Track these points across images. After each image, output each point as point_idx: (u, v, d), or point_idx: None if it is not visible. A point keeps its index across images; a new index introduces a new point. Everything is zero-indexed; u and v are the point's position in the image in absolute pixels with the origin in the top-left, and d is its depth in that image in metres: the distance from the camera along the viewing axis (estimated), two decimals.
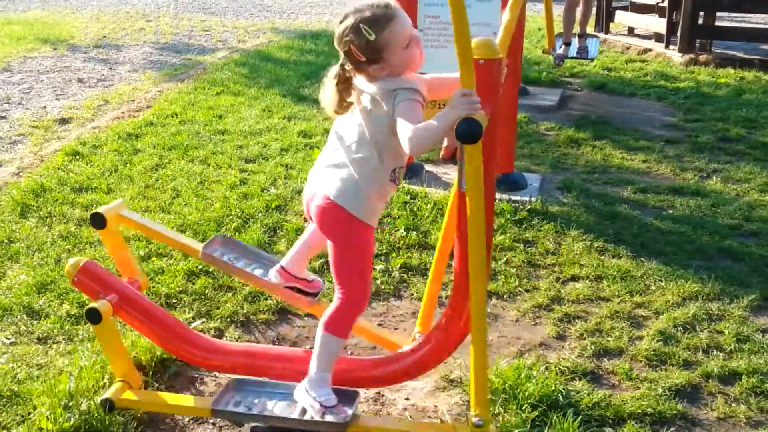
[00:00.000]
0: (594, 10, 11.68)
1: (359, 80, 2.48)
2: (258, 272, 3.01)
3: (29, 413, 2.87)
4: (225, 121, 6.76)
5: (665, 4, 10.08)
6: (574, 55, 8.20)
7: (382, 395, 3.12)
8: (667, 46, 10.04)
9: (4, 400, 2.99)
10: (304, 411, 2.63)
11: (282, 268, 2.95)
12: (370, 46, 2.37)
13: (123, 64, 9.52)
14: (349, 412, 2.60)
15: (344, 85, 2.47)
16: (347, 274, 2.55)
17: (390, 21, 2.37)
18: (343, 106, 2.49)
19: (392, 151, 2.46)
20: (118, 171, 5.50)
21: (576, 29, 8.58)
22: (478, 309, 2.41)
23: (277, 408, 2.70)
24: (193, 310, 3.71)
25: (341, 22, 2.43)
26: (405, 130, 2.31)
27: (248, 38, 11.51)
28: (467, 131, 2.18)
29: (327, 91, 2.51)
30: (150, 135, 6.33)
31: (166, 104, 7.29)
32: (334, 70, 2.49)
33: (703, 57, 9.50)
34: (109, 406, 2.82)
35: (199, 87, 7.96)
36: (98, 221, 2.95)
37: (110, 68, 9.25)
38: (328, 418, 2.57)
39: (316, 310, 3.05)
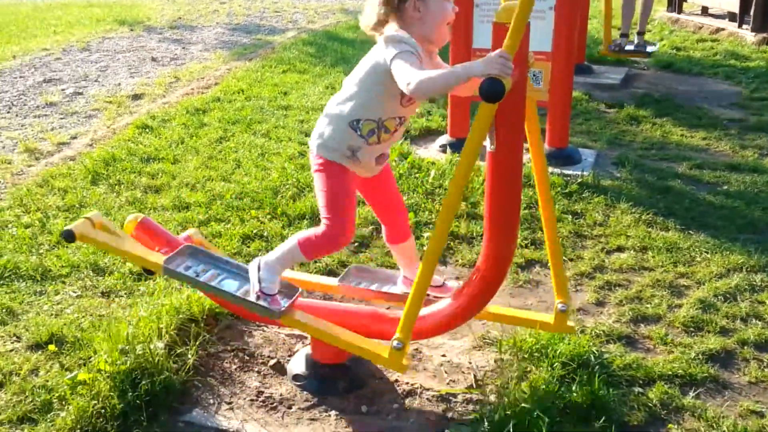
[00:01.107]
0: None
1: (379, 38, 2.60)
2: (394, 290, 3.12)
3: (90, 357, 3.10)
4: (289, 97, 6.97)
5: None
6: (632, 49, 8.05)
7: (420, 351, 3.26)
8: (740, 26, 9.80)
9: (68, 345, 3.24)
10: (246, 292, 2.80)
11: (405, 277, 3.10)
12: None
13: (196, 44, 9.85)
14: (285, 303, 2.75)
15: (387, 6, 2.59)
16: (326, 209, 2.69)
17: None
18: (377, 26, 2.62)
19: (364, 99, 2.60)
20: (184, 143, 5.76)
21: (635, 27, 8.44)
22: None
23: (223, 283, 2.85)
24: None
25: None
26: (406, 74, 2.39)
27: (318, 19, 11.73)
28: (491, 89, 2.28)
29: (368, 10, 2.65)
30: (216, 110, 6.59)
31: (234, 81, 7.54)
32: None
33: None
34: (68, 235, 2.83)
35: (267, 65, 8.20)
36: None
37: (183, 48, 9.59)
38: (262, 303, 2.73)
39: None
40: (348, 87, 2.66)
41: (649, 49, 8.05)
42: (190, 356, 3.09)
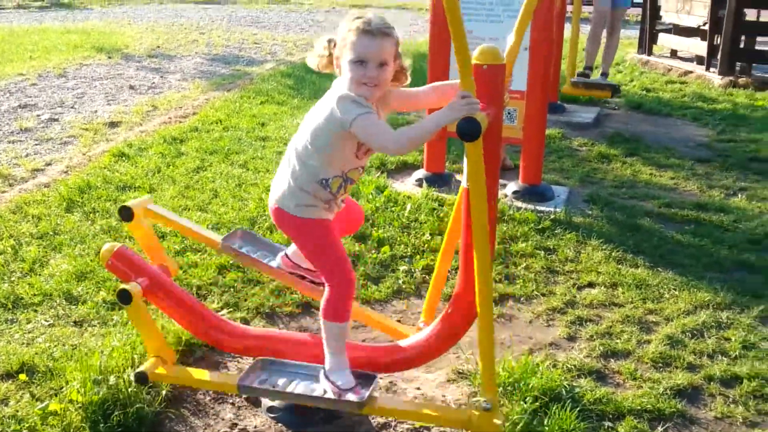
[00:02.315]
0: (637, 32, 11.77)
1: (335, 80, 2.68)
2: (273, 263, 3.21)
3: (61, 387, 3.09)
4: (267, 128, 7.03)
5: (707, 27, 10.12)
6: (594, 82, 8.31)
7: (395, 384, 3.29)
8: (707, 69, 10.07)
9: (39, 375, 3.23)
10: (324, 392, 2.79)
11: (286, 255, 3.17)
12: (342, 38, 2.59)
13: (174, 73, 9.90)
14: (366, 393, 2.75)
15: (326, 57, 2.70)
16: (321, 264, 2.76)
17: (364, 33, 2.54)
18: (320, 66, 2.74)
19: (326, 159, 2.64)
20: (160, 172, 5.78)
21: (599, 67, 8.68)
22: (484, 297, 2.56)
23: (299, 387, 2.86)
24: (222, 301, 3.92)
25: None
26: (379, 137, 2.48)
27: (296, 51, 11.85)
28: (467, 129, 2.36)
29: (313, 52, 2.77)
30: (194, 140, 6.62)
31: (212, 111, 7.59)
32: (324, 40, 2.72)
33: (742, 80, 9.52)
34: (142, 378, 3.01)
35: (245, 96, 8.26)
36: (126, 214, 3.14)
37: (161, 77, 9.63)
38: (346, 397, 2.72)
39: (316, 295, 3.19)
40: (306, 147, 2.68)
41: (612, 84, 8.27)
42: (163, 387, 3.09)
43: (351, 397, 2.72)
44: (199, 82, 9.30)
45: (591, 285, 4.21)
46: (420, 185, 5.57)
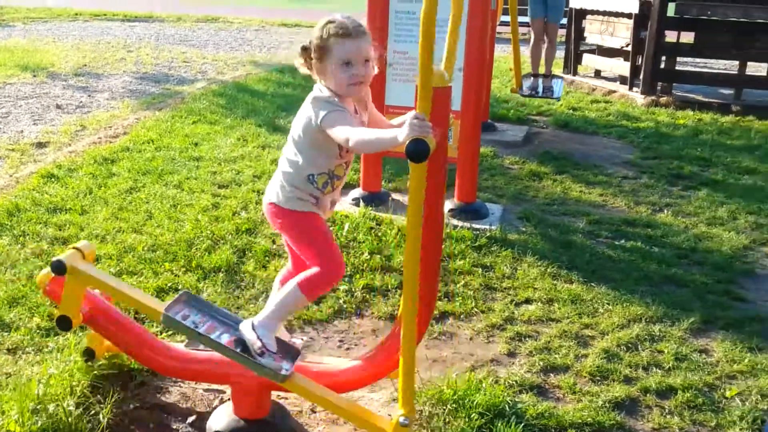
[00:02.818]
0: (563, 52, 12.12)
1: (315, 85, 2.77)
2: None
3: None
4: (200, 148, 6.96)
5: (630, 48, 10.48)
6: (541, 94, 8.57)
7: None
8: (630, 88, 10.42)
9: None
10: (244, 346, 2.78)
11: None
12: (319, 43, 2.67)
13: (102, 92, 9.71)
14: (286, 366, 2.75)
15: (304, 61, 2.76)
16: (310, 252, 2.81)
17: (345, 36, 2.65)
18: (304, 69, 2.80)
19: (309, 157, 2.75)
20: (92, 193, 5.66)
21: (542, 69, 8.99)
22: (408, 312, 2.59)
23: (223, 335, 2.81)
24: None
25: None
26: (343, 131, 2.58)
27: (227, 70, 11.76)
28: (415, 151, 2.40)
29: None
30: (125, 160, 6.50)
31: (143, 131, 7.47)
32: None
33: (663, 99, 9.89)
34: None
35: (177, 115, 8.16)
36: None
37: (89, 96, 9.43)
38: (265, 361, 2.73)
39: None
40: (292, 147, 2.81)
41: (556, 90, 8.49)
42: (103, 416, 3.03)
43: (271, 364, 2.72)
44: (128, 101, 9.14)
45: (528, 301, 4.30)
46: (357, 204, 5.60)
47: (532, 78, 8.97)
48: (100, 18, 19.70)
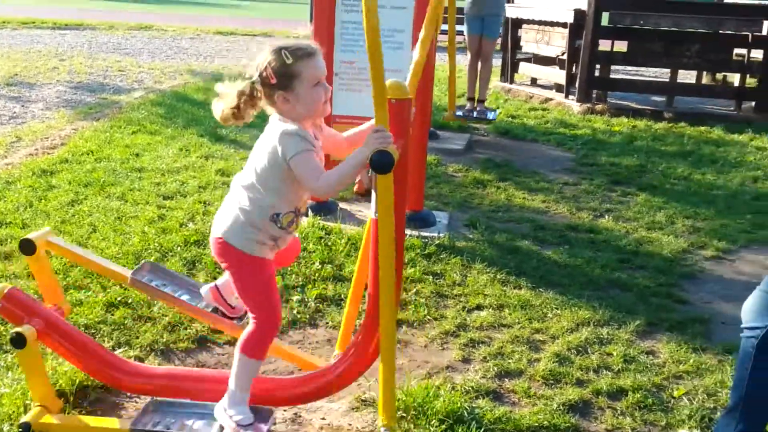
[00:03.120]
0: (500, 61, 12.33)
1: (272, 116, 2.70)
2: (185, 297, 3.16)
3: None
4: (142, 159, 6.85)
5: (565, 57, 10.73)
6: (475, 117, 8.69)
7: (300, 416, 3.29)
8: (566, 96, 10.66)
9: None
10: (221, 429, 2.78)
11: (216, 286, 3.12)
12: (284, 70, 2.58)
13: (36, 102, 9.47)
14: (264, 429, 2.76)
15: (249, 98, 2.65)
16: (252, 301, 2.76)
17: (309, 55, 2.61)
18: (233, 116, 2.68)
19: (277, 195, 2.66)
20: (32, 206, 5.52)
21: (476, 96, 9.07)
22: (387, 326, 2.63)
23: (195, 426, 2.83)
24: (112, 339, 3.79)
25: (265, 50, 2.65)
26: (311, 178, 2.55)
27: (165, 79, 11.61)
28: (380, 162, 2.44)
29: (224, 100, 2.69)
30: (65, 172, 6.37)
31: (82, 142, 7.32)
32: (241, 84, 2.67)
33: (599, 106, 10.15)
34: (26, 429, 2.89)
35: (115, 126, 8.02)
36: (27, 247, 3.05)
37: (22, 106, 9.20)
38: None
39: (239, 333, 3.19)
40: (256, 183, 2.67)
41: (490, 116, 8.64)
42: None
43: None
44: (64, 111, 8.94)
45: (479, 307, 4.36)
46: (306, 214, 5.59)
47: (467, 103, 8.97)
48: (29, 26, 19.20)
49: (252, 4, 36.28)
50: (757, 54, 10.24)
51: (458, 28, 9.54)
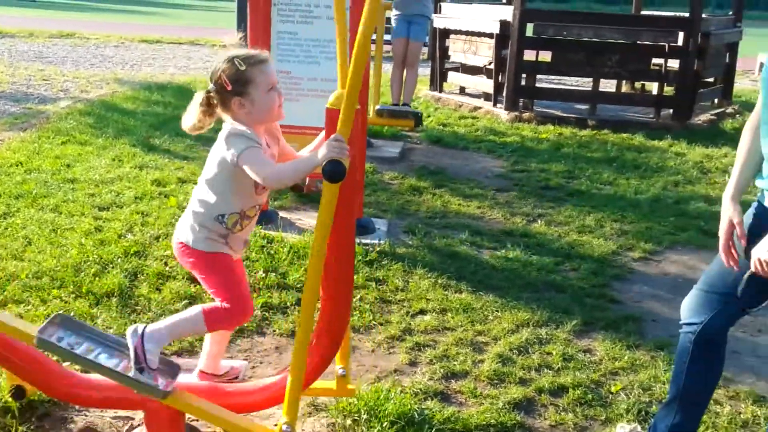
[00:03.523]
0: (428, 70, 12.54)
1: (226, 121, 2.79)
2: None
3: None
4: (74, 170, 6.73)
5: (492, 66, 10.98)
6: (398, 109, 8.81)
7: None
8: (494, 105, 10.91)
9: None
10: (117, 365, 2.73)
11: (202, 371, 3.18)
12: (238, 77, 2.70)
13: None
14: (164, 382, 2.72)
15: (206, 107, 2.79)
16: (222, 295, 2.83)
17: (261, 62, 2.74)
18: (197, 126, 2.83)
19: (222, 196, 2.78)
20: None
21: (401, 100, 9.22)
22: (305, 321, 2.65)
23: (99, 357, 2.75)
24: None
25: (221, 59, 2.76)
26: (261, 170, 2.64)
27: (91, 88, 11.38)
28: (333, 171, 2.51)
29: (189, 112, 2.83)
30: None
31: (9, 153, 7.14)
32: (201, 94, 2.80)
33: (526, 114, 10.42)
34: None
35: (44, 136, 7.84)
36: None
37: None
38: (143, 378, 2.69)
39: None
40: (204, 186, 2.82)
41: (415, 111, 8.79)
42: None
43: (149, 381, 2.69)
44: None
45: (423, 312, 4.47)
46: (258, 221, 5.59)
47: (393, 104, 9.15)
48: None
49: (177, 12, 35.80)
50: (674, 63, 10.68)
51: (386, 37, 9.71)
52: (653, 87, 11.50)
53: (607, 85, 12.35)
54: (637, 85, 12.96)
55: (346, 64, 2.96)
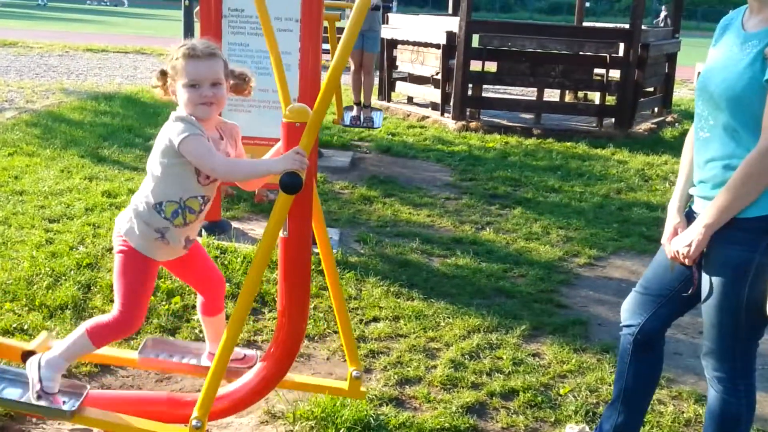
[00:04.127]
0: (377, 80, 12.68)
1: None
2: (195, 362, 3.25)
3: None
4: (22, 181, 6.67)
5: (439, 76, 11.16)
6: (362, 125, 9.03)
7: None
8: (442, 114, 11.09)
9: None
10: (27, 395, 2.82)
11: (210, 354, 3.20)
12: (173, 64, 2.75)
13: None
14: (70, 403, 2.79)
15: (161, 85, 2.85)
16: (121, 295, 2.83)
17: (192, 57, 2.71)
18: (163, 97, 2.89)
19: (161, 183, 2.76)
20: None
21: (361, 100, 9.40)
22: (231, 329, 2.74)
23: (6, 392, 2.86)
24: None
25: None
26: (206, 158, 2.65)
27: (37, 98, 11.23)
28: (290, 183, 2.59)
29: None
30: None
31: None
32: (157, 71, 2.87)
33: (473, 124, 10.62)
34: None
35: None
36: None
37: None
38: (43, 403, 2.77)
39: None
40: (148, 171, 2.82)
41: (376, 121, 9.00)
42: None
43: (50, 405, 2.76)
44: None
45: (376, 320, 4.56)
46: (199, 234, 5.62)
47: (354, 108, 9.38)
48: None
49: (122, 20, 35.34)
50: (615, 74, 10.99)
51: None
52: (596, 96, 11.82)
53: (552, 95, 12.63)
54: (580, 94, 13.28)
55: (284, 79, 3.04)
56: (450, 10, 14.33)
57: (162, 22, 34.36)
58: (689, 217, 2.86)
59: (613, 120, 10.96)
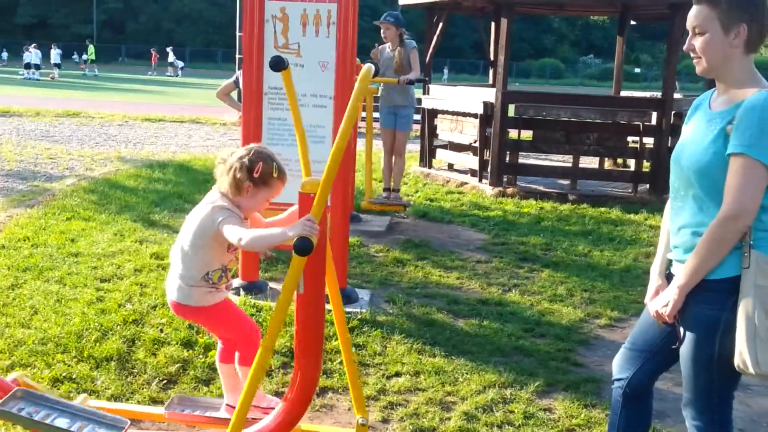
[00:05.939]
0: (418, 146, 13.12)
1: (220, 189, 3.42)
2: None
3: None
4: (78, 244, 7.18)
5: (477, 144, 11.55)
6: (392, 203, 9.51)
7: None
8: (480, 180, 11.43)
9: None
10: (80, 426, 3.26)
11: (228, 405, 3.68)
12: (265, 177, 3.35)
13: None
14: None
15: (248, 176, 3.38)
16: (230, 336, 3.49)
17: (282, 181, 3.45)
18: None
19: (204, 257, 3.38)
20: None
21: (391, 185, 9.82)
22: (252, 380, 3.11)
23: (56, 421, 3.27)
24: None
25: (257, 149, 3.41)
26: (237, 236, 3.18)
27: (95, 166, 11.94)
28: (302, 247, 2.96)
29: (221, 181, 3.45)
30: (2, 257, 6.64)
31: (17, 229, 7.60)
32: (237, 162, 3.38)
33: (510, 190, 10.93)
34: None
35: (50, 212, 8.32)
36: None
37: None
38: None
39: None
40: (188, 249, 3.39)
41: (404, 202, 9.43)
42: None
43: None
44: None
45: (398, 374, 4.83)
46: (237, 293, 6.01)
47: (383, 193, 9.94)
48: None
49: (180, 90, 36.82)
50: (649, 141, 11.23)
51: (375, 114, 10.33)
52: (632, 163, 12.03)
53: (591, 162, 12.88)
54: (620, 160, 13.50)
55: (306, 152, 3.54)
56: (490, 81, 14.80)
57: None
58: (669, 278, 3.12)
59: (647, 186, 11.16)
